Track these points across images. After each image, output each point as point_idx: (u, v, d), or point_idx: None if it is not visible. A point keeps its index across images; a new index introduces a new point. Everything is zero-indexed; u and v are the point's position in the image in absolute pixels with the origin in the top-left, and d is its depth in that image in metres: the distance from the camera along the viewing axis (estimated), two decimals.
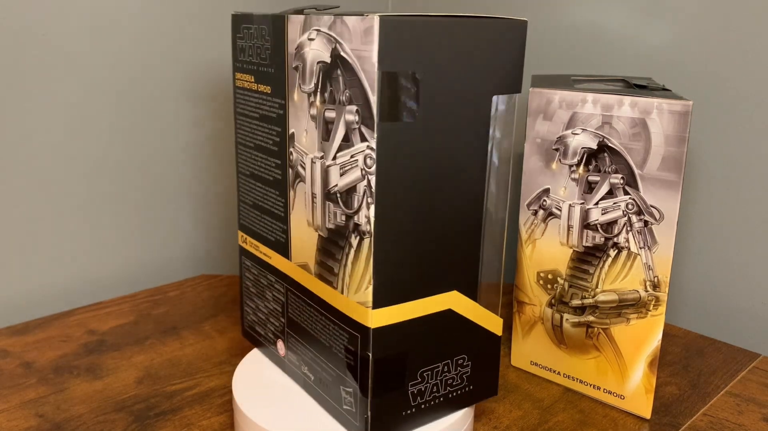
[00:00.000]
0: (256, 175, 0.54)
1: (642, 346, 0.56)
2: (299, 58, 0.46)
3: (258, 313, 0.57)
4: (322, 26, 0.43)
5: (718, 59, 0.71)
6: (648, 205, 0.53)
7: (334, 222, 0.45)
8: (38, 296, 0.76)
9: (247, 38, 0.51)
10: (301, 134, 0.47)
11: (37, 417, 0.55)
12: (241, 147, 0.55)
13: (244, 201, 0.56)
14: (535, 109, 0.57)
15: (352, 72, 0.41)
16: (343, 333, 0.46)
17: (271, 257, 0.54)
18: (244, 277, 0.58)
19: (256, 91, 0.52)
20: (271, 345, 0.56)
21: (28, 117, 0.72)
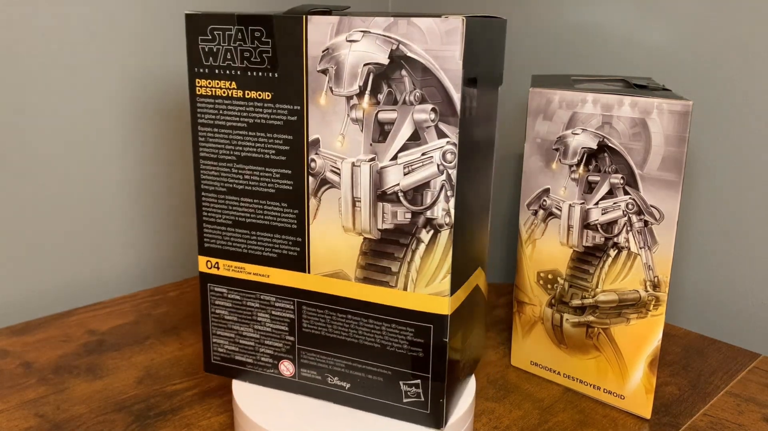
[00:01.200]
0: (239, 190, 0.50)
1: (642, 346, 0.56)
2: (331, 60, 0.45)
3: (241, 340, 0.53)
4: (372, 28, 0.44)
5: (718, 59, 0.71)
6: (648, 205, 0.53)
7: (393, 222, 0.46)
8: (38, 296, 0.76)
9: (220, 41, 0.47)
10: (332, 140, 0.46)
11: (37, 417, 0.55)
12: (209, 161, 0.50)
13: (215, 221, 0.51)
14: (535, 109, 0.57)
15: (427, 72, 0.43)
16: (405, 328, 0.48)
17: (268, 275, 0.51)
18: (211, 307, 0.53)
19: (241, 98, 0.48)
20: (269, 370, 0.52)
21: (28, 117, 0.72)
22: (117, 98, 0.78)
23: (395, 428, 0.49)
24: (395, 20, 0.43)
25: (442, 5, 0.94)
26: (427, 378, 0.48)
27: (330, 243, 0.48)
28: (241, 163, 0.49)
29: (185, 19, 0.48)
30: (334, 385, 0.51)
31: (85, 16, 0.73)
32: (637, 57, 0.76)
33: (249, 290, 0.52)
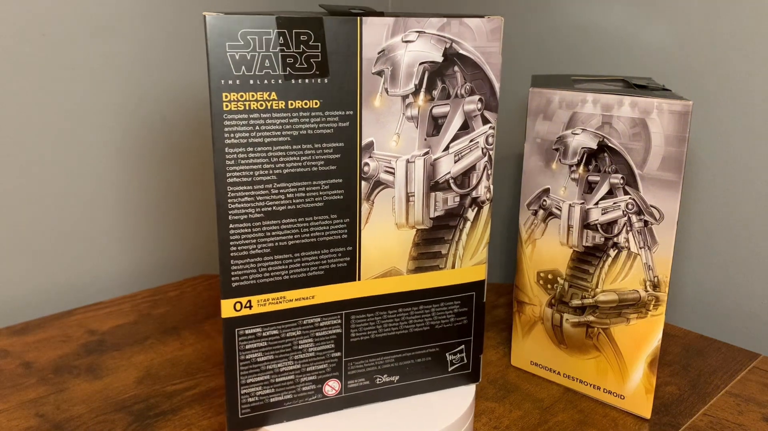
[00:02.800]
0: (280, 212, 0.45)
1: (642, 346, 0.56)
2: (387, 61, 0.45)
3: (278, 378, 0.48)
4: (427, 28, 0.46)
5: (718, 59, 0.71)
6: (648, 205, 0.53)
7: (444, 208, 0.50)
8: (38, 296, 0.76)
9: (255, 47, 0.42)
10: (386, 140, 0.47)
11: (37, 417, 0.55)
12: (241, 186, 0.44)
13: (248, 253, 0.45)
14: (535, 109, 0.57)
15: (475, 66, 0.48)
16: (452, 303, 0.52)
17: (313, 296, 0.48)
18: (240, 354, 0.47)
19: (284, 109, 0.44)
20: (311, 397, 0.50)
21: (28, 117, 0.72)
22: (118, 98, 0.78)
23: (393, 421, 0.49)
24: (448, 21, 0.46)
25: (441, 5, 0.94)
26: (470, 341, 0.54)
27: (382, 244, 0.49)
28: (283, 181, 0.45)
29: (206, 22, 0.41)
30: (383, 383, 0.52)
31: (87, 15, 0.73)
32: (637, 57, 0.76)
33: (289, 319, 0.48)
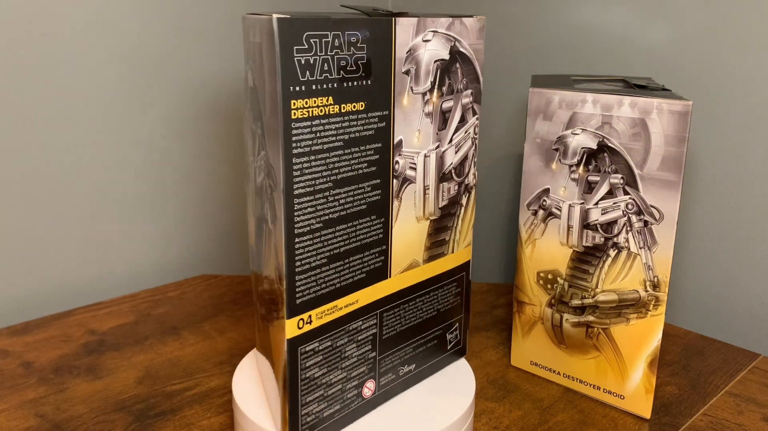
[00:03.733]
0: (335, 219, 0.44)
1: (642, 346, 0.56)
2: (412, 60, 0.46)
3: (330, 390, 0.47)
4: (439, 27, 0.48)
5: (718, 59, 0.71)
6: (648, 205, 0.53)
7: (448, 197, 0.53)
8: (38, 296, 0.76)
9: (317, 50, 0.40)
10: (411, 137, 0.48)
11: (37, 417, 0.55)
12: (305, 198, 0.42)
13: (310, 266, 0.44)
14: (535, 109, 0.57)
15: (470, 63, 0.51)
16: (451, 285, 0.55)
17: (357, 300, 0.47)
18: (302, 373, 0.45)
19: (338, 113, 0.42)
20: (354, 402, 0.49)
21: (28, 117, 0.72)
22: (118, 99, 0.78)
23: (393, 421, 0.49)
24: (453, 20, 0.49)
25: (441, 4, 0.94)
26: (461, 318, 0.57)
27: (406, 238, 0.50)
28: (337, 187, 0.44)
29: (276, 24, 0.38)
30: (405, 374, 0.53)
31: (87, 15, 0.73)
32: (637, 57, 0.76)
33: (339, 328, 0.47)
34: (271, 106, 0.41)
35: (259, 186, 0.45)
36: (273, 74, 0.40)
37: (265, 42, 0.40)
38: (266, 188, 0.43)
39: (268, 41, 0.39)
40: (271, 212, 0.43)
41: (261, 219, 0.46)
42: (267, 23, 0.39)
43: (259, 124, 0.43)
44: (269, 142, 0.42)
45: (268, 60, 0.40)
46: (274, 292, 0.44)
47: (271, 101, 0.41)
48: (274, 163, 0.41)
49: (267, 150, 0.42)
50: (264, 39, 0.40)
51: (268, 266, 0.45)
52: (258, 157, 0.45)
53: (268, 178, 0.43)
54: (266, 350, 0.49)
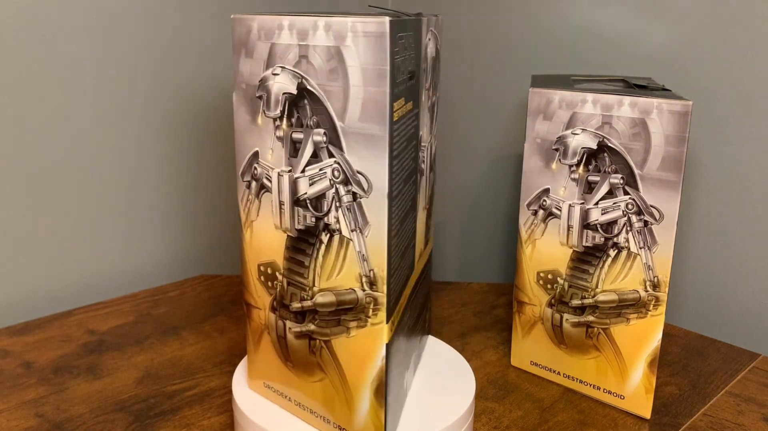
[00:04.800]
0: (402, 217, 0.45)
1: (642, 346, 0.56)
2: (424, 59, 0.48)
3: (400, 390, 0.48)
4: (432, 27, 0.49)
5: (718, 59, 0.71)
6: (648, 205, 0.53)
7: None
8: (38, 296, 0.76)
9: (401, 51, 0.41)
10: (426, 133, 0.50)
11: (37, 417, 0.55)
12: (397, 198, 0.43)
13: (394, 264, 0.44)
14: (535, 109, 0.57)
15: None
16: (427, 266, 0.56)
17: (407, 294, 0.48)
18: (390, 386, 0.45)
19: (407, 114, 0.44)
20: (402, 400, 0.49)
21: (27, 118, 0.72)
22: (117, 100, 0.78)
23: None
24: (431, 18, 0.49)
25: (438, 4, 0.94)
26: (429, 297, 0.59)
27: (420, 227, 0.52)
28: (404, 186, 0.45)
29: (389, 27, 0.38)
30: (415, 363, 0.54)
31: (87, 16, 0.73)
32: (637, 57, 0.76)
33: (403, 325, 0.47)
34: (365, 110, 0.40)
35: (311, 195, 0.43)
36: (375, 77, 0.40)
37: (361, 44, 0.39)
38: (338, 196, 0.42)
39: (366, 44, 0.39)
40: (352, 220, 0.42)
41: (309, 232, 0.44)
42: (371, 25, 0.39)
43: (320, 132, 0.42)
44: (354, 146, 0.41)
45: (364, 62, 0.40)
46: (353, 301, 0.44)
47: (366, 106, 0.40)
48: (367, 168, 0.41)
49: (345, 155, 0.41)
50: (354, 41, 0.40)
51: (334, 277, 0.44)
52: (304, 168, 0.43)
53: (344, 186, 0.42)
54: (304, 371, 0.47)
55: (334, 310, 0.44)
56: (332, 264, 0.44)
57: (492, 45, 0.89)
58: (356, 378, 0.45)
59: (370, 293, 0.43)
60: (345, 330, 0.44)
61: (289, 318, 0.47)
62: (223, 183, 0.89)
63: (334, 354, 0.45)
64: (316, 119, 0.42)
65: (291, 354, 0.47)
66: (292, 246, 0.45)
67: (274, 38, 0.42)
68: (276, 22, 0.41)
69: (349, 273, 0.43)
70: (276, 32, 0.42)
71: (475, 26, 0.90)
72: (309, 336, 0.46)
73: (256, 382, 0.51)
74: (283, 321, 0.47)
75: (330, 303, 0.44)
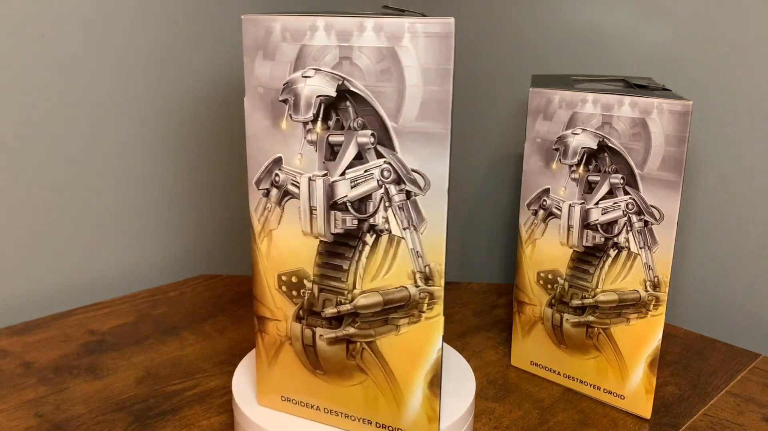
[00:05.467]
0: None
1: (642, 346, 0.56)
2: None
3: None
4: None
5: (718, 59, 0.71)
6: (648, 205, 0.53)
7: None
8: (38, 296, 0.76)
9: None
10: None
11: (36, 417, 0.55)
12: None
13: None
14: (535, 109, 0.57)
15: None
16: None
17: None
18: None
19: None
20: None
21: (27, 118, 0.72)
22: (117, 99, 0.78)
23: None
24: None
25: (440, 5, 0.94)
26: None
27: None
28: None
29: (454, 26, 0.40)
30: None
31: (86, 15, 0.73)
32: (637, 57, 0.76)
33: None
34: (424, 109, 0.41)
35: (353, 197, 0.43)
36: (437, 76, 0.40)
37: (421, 45, 0.40)
38: (387, 196, 0.43)
39: (429, 44, 0.40)
40: (405, 218, 0.43)
41: (349, 235, 0.44)
42: (435, 26, 0.39)
43: (366, 133, 0.42)
44: (410, 146, 0.41)
45: (424, 62, 0.40)
46: (405, 299, 0.44)
47: (426, 105, 0.41)
48: (424, 166, 0.41)
49: (398, 155, 0.42)
50: (413, 42, 0.40)
51: (381, 276, 0.44)
52: (344, 170, 0.43)
53: (395, 185, 0.42)
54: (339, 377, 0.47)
55: (380, 310, 0.45)
56: (379, 265, 0.44)
57: (492, 45, 0.89)
58: (407, 374, 0.45)
59: (425, 288, 0.43)
60: (394, 328, 0.45)
61: (320, 325, 0.46)
62: (224, 183, 0.89)
63: (379, 355, 0.46)
64: (361, 121, 0.42)
65: (322, 361, 0.47)
66: (326, 251, 0.45)
67: (304, 39, 0.41)
68: (307, 23, 0.41)
69: (399, 271, 0.44)
70: (307, 33, 0.41)
71: (475, 26, 0.90)
72: (347, 340, 0.46)
73: (270, 397, 0.50)
74: (312, 329, 0.47)
75: (375, 303, 0.45)
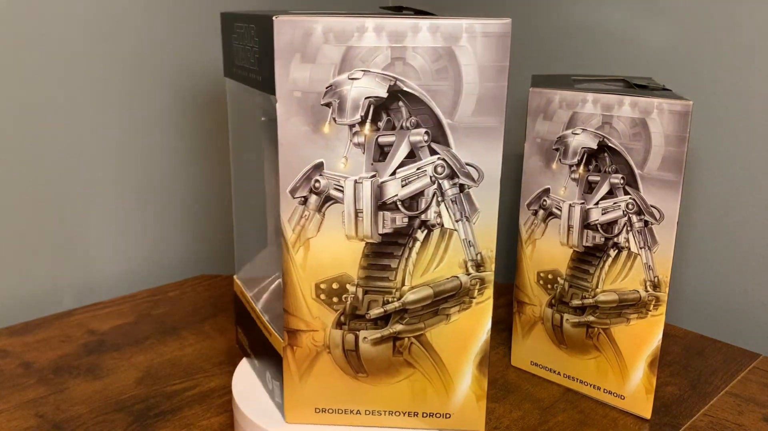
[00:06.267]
0: None
1: (642, 346, 0.56)
2: None
3: None
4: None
5: (718, 59, 0.71)
6: (648, 205, 0.53)
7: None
8: (38, 296, 0.76)
9: None
10: None
11: (37, 417, 0.55)
12: None
13: None
14: (535, 109, 0.57)
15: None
16: None
17: None
18: None
19: None
20: None
21: (27, 117, 0.72)
22: (117, 98, 0.78)
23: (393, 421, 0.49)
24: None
25: (441, 5, 0.94)
26: None
27: None
28: None
29: (511, 26, 0.43)
30: None
31: (86, 15, 0.73)
32: (637, 57, 0.76)
33: None
34: (480, 105, 0.42)
35: (404, 196, 0.44)
36: (494, 73, 0.42)
37: (479, 44, 0.42)
38: (440, 191, 0.44)
39: (486, 43, 0.42)
40: (458, 210, 0.45)
41: (399, 234, 0.45)
42: (493, 26, 0.41)
43: (420, 131, 0.43)
44: (465, 141, 0.43)
45: (481, 60, 0.42)
46: (456, 288, 0.46)
47: (482, 101, 0.42)
48: (478, 160, 0.43)
49: (454, 150, 0.43)
50: (471, 41, 0.42)
51: (432, 270, 0.46)
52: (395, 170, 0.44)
53: (449, 180, 0.44)
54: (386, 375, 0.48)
55: (430, 302, 0.46)
56: (430, 258, 0.45)
57: None
58: (457, 360, 0.47)
59: (476, 275, 0.45)
60: (444, 318, 0.46)
61: (364, 327, 0.47)
62: (225, 183, 0.89)
63: (428, 346, 0.47)
64: (415, 119, 0.43)
65: (365, 363, 0.47)
66: (372, 252, 0.45)
67: (351, 41, 0.42)
68: (354, 25, 0.41)
69: (451, 261, 0.45)
70: (354, 35, 0.42)
71: None
72: (394, 338, 0.47)
73: (302, 412, 0.48)
74: (355, 333, 0.47)
75: (426, 296, 0.46)
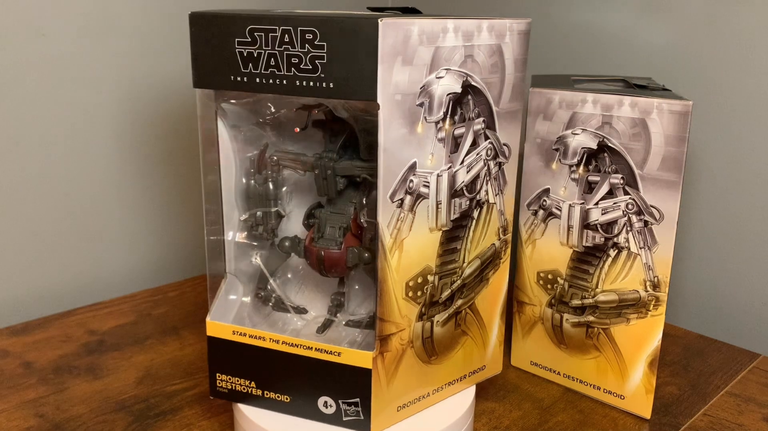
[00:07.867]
0: None
1: (642, 346, 0.56)
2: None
3: None
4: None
5: (718, 59, 0.71)
6: (648, 205, 0.53)
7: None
8: (38, 296, 0.76)
9: None
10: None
11: (37, 417, 0.55)
12: None
13: None
14: (535, 109, 0.57)
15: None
16: None
17: None
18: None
19: None
20: None
21: (28, 117, 0.72)
22: (118, 98, 0.78)
23: None
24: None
25: (440, 5, 0.94)
26: None
27: None
28: None
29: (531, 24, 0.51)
30: None
31: (85, 15, 0.73)
32: (637, 57, 0.76)
33: None
34: (512, 93, 0.50)
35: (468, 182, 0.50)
36: (519, 65, 0.50)
37: (515, 40, 0.49)
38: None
39: (517, 39, 0.50)
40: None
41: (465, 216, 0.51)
42: (522, 24, 0.50)
43: (480, 120, 0.49)
44: (503, 124, 0.51)
45: (516, 54, 0.50)
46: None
47: (514, 88, 0.50)
48: (510, 140, 0.52)
49: (498, 133, 0.51)
50: (511, 38, 0.49)
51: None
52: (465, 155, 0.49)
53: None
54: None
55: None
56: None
57: None
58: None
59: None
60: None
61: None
62: None
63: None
64: (477, 110, 0.48)
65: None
66: (446, 239, 0.50)
67: (438, 41, 0.44)
68: (440, 26, 0.44)
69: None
70: (440, 35, 0.44)
71: None
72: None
73: (387, 416, 0.48)
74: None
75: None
